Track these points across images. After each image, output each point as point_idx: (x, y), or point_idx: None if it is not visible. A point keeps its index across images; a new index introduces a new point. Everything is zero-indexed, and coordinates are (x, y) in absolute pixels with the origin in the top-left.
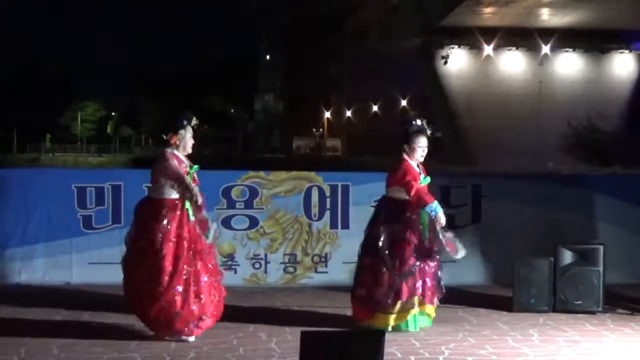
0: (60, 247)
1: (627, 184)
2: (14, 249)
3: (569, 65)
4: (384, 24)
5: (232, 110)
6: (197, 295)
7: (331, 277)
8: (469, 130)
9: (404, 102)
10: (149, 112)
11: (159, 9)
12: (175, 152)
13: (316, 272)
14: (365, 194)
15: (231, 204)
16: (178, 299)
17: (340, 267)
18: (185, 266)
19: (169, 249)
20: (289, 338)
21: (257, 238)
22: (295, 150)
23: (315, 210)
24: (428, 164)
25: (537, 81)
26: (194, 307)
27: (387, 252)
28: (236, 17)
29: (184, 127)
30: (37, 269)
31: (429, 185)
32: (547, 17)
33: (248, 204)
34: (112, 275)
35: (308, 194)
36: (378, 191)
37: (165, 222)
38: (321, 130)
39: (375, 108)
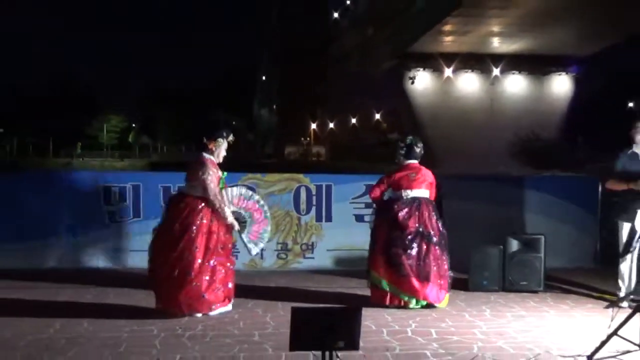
0: (89, 237)
1: (563, 184)
2: (50, 238)
3: (515, 85)
4: (361, 50)
5: (234, 122)
6: (222, 282)
7: (317, 262)
8: (432, 139)
9: (377, 116)
10: (164, 124)
11: (174, 37)
12: (212, 157)
13: (304, 258)
14: (345, 192)
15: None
16: (206, 284)
17: (325, 254)
18: (213, 257)
19: (201, 241)
20: (281, 313)
21: None
22: (286, 155)
23: (303, 206)
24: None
25: (489, 99)
26: (219, 292)
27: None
28: (238, 44)
29: (222, 137)
30: (70, 255)
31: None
32: (497, 44)
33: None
34: (133, 261)
35: (297, 193)
36: (356, 190)
37: (199, 217)
38: (308, 139)
39: (353, 120)
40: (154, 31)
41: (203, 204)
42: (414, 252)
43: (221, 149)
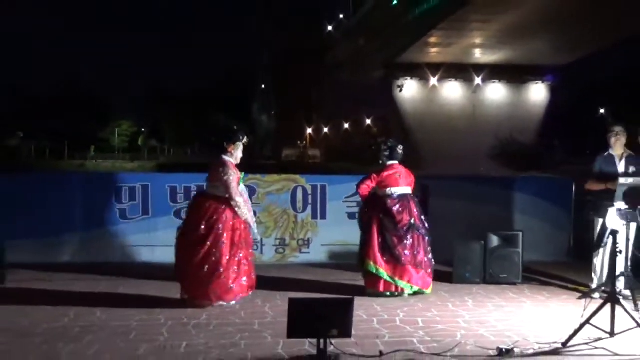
0: (101, 233)
1: (540, 184)
2: (66, 235)
3: (496, 93)
4: (353, 61)
5: (235, 127)
6: (246, 273)
7: (312, 257)
8: (419, 142)
9: (368, 121)
10: (170, 128)
11: (177, 46)
12: (230, 159)
13: (300, 252)
14: (339, 192)
15: None
16: (233, 277)
17: (320, 249)
18: (239, 251)
19: (227, 237)
20: (280, 303)
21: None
22: (284, 158)
23: (300, 204)
24: None
25: (472, 105)
26: (244, 283)
27: None
28: (239, 53)
29: (240, 141)
30: (83, 249)
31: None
32: (479, 55)
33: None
34: (143, 256)
35: (294, 192)
36: (348, 190)
37: (224, 215)
38: (304, 142)
39: (346, 125)
40: (161, 44)
41: (225, 203)
42: (408, 242)
43: (239, 151)
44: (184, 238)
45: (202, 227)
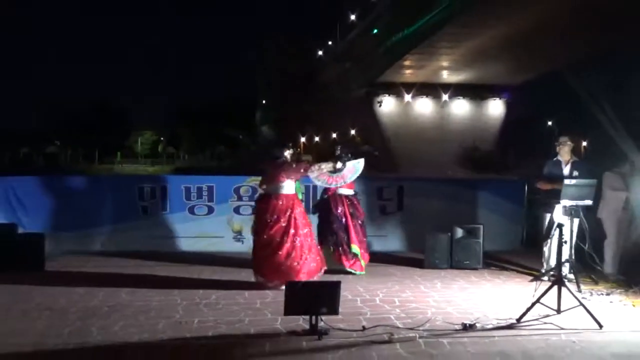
0: (127, 226)
1: (497, 185)
2: (98, 227)
3: (460, 108)
4: (340, 80)
5: (241, 136)
6: (313, 259)
7: None
8: (396, 149)
9: (353, 132)
10: (185, 137)
11: (193, 66)
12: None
13: None
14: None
15: (240, 198)
16: (302, 262)
17: None
18: (307, 238)
19: (295, 228)
20: (270, 292)
21: None
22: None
23: None
24: (370, 172)
25: (440, 118)
26: (312, 265)
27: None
28: (245, 73)
29: (289, 149)
30: (113, 240)
31: None
32: (446, 76)
33: (251, 198)
34: (162, 245)
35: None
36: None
37: (288, 210)
38: (298, 149)
39: (334, 135)
40: (176, 64)
41: (287, 199)
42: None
43: (288, 157)
44: (258, 236)
45: (272, 222)
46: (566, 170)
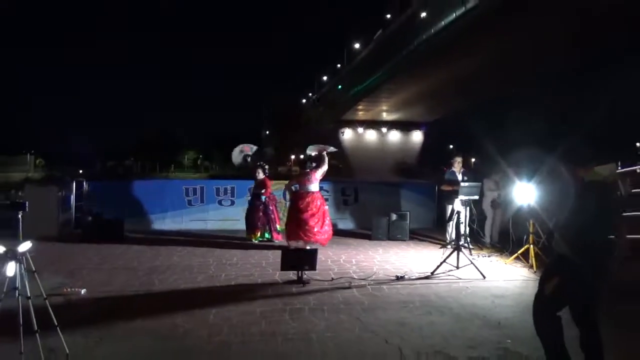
0: (177, 213)
1: (418, 186)
2: (157, 214)
3: (394, 136)
4: (317, 119)
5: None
6: (327, 232)
7: None
8: (353, 163)
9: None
10: (215, 155)
11: (224, 112)
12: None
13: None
14: None
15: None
16: (320, 233)
17: None
18: (325, 220)
19: (319, 214)
20: (277, 252)
21: None
22: (279, 172)
23: (288, 197)
24: (336, 178)
25: (381, 143)
26: (326, 236)
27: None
28: (254, 112)
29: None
30: (166, 222)
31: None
32: (385, 115)
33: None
34: (199, 225)
35: (284, 191)
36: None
37: (315, 202)
38: (290, 163)
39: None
40: (211, 99)
41: (313, 194)
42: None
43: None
44: (292, 213)
45: (304, 209)
46: (459, 177)
